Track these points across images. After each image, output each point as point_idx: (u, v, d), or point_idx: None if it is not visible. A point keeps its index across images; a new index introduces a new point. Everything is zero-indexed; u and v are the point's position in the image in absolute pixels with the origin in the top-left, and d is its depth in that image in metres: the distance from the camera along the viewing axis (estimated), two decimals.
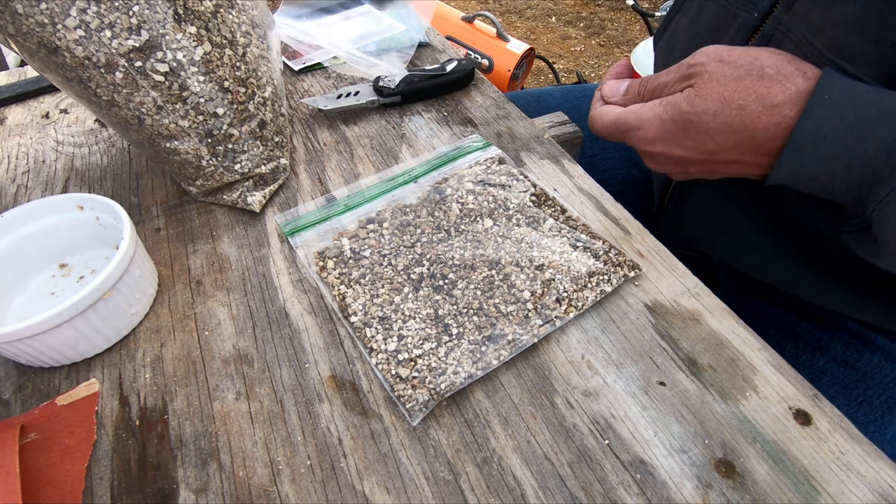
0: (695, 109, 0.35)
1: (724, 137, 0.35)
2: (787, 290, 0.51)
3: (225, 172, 0.44)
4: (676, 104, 0.36)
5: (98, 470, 0.31)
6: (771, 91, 0.33)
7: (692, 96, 0.35)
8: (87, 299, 0.33)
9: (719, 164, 0.37)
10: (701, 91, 0.35)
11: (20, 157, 0.53)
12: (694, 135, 0.36)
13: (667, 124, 0.37)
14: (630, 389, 0.33)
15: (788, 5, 0.40)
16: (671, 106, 0.37)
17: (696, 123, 0.35)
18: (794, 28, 0.39)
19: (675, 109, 0.36)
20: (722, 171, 0.38)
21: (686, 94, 0.36)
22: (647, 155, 0.40)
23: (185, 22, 0.39)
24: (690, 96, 0.36)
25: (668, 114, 0.37)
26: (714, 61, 0.36)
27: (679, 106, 0.36)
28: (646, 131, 0.38)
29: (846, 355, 0.50)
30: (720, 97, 0.34)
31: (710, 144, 0.36)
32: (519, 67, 1.62)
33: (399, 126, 0.54)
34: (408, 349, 0.35)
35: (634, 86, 0.41)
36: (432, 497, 0.29)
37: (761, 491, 0.29)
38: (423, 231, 0.42)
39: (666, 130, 0.37)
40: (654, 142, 0.38)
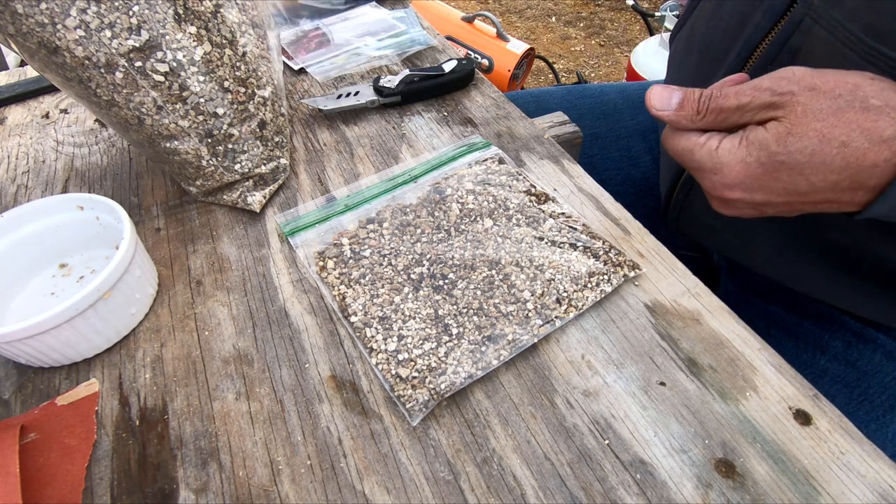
0: (787, 149, 0.31)
1: (820, 177, 0.31)
2: (792, 286, 0.51)
3: (225, 172, 0.44)
4: (764, 144, 0.32)
5: (98, 470, 0.31)
6: (878, 125, 0.30)
7: (783, 134, 0.31)
8: (87, 299, 0.33)
9: (807, 205, 0.34)
10: (794, 128, 0.31)
11: (20, 157, 0.53)
12: (785, 177, 0.32)
13: (751, 168, 0.33)
14: (630, 389, 0.33)
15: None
16: (756, 147, 0.32)
17: (789, 164, 0.32)
18: (825, 13, 0.37)
19: (763, 151, 0.32)
20: (805, 210, 0.35)
21: (775, 131, 0.32)
22: (722, 200, 0.36)
23: (185, 22, 0.39)
24: (781, 135, 0.32)
25: (754, 156, 0.33)
26: (806, 90, 0.32)
27: (767, 146, 0.32)
28: (724, 176, 0.34)
29: (847, 354, 0.50)
30: (818, 134, 0.31)
31: (802, 185, 0.32)
32: (519, 67, 1.62)
33: (399, 126, 0.54)
34: (408, 349, 0.35)
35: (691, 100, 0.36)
36: (432, 497, 0.29)
37: (761, 491, 0.29)
38: (423, 231, 0.42)
39: (750, 174, 0.33)
40: (733, 187, 0.34)
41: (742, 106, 0.33)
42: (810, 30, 0.38)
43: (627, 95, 0.72)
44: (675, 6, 1.71)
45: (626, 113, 0.70)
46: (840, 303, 0.49)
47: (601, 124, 0.68)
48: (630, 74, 1.72)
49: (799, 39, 0.39)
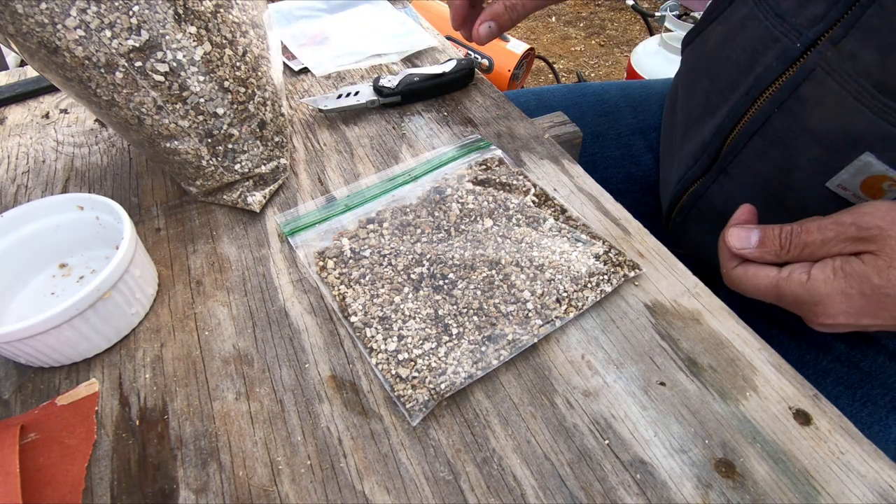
0: (892, 283, 0.32)
1: None
2: None
3: (225, 172, 0.44)
4: (864, 277, 0.33)
5: (98, 470, 0.31)
6: None
7: (883, 268, 0.32)
8: (87, 299, 0.33)
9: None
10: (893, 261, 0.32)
11: (20, 157, 0.53)
12: (891, 306, 0.33)
13: (854, 299, 0.33)
14: (630, 389, 0.33)
15: (834, 41, 0.38)
16: (857, 280, 0.33)
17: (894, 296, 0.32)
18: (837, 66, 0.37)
19: (865, 283, 0.33)
20: None
21: (874, 265, 0.33)
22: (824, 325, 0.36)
23: (185, 22, 0.39)
24: (881, 268, 0.32)
25: (855, 289, 0.33)
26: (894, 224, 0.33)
27: (869, 279, 0.33)
28: (827, 307, 0.34)
29: (850, 355, 0.50)
30: None
31: None
32: (519, 67, 1.62)
33: (399, 126, 0.54)
34: (408, 349, 0.35)
35: (773, 237, 0.37)
36: (432, 497, 0.29)
37: (761, 491, 0.29)
38: (423, 231, 0.42)
39: (854, 305, 0.34)
40: (838, 315, 0.34)
41: (827, 240, 0.34)
42: (822, 81, 0.38)
43: (628, 94, 0.72)
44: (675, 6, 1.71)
45: (627, 111, 0.70)
46: None
47: (602, 122, 0.68)
48: (630, 74, 1.72)
49: (810, 89, 0.39)
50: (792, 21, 0.41)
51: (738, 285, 0.38)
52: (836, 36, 0.38)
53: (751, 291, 0.38)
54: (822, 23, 0.39)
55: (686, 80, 0.55)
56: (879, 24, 0.36)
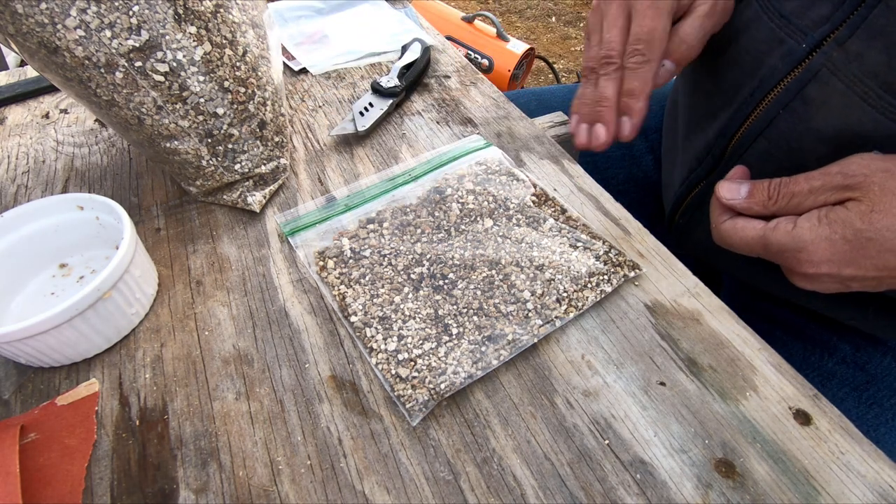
0: (874, 226, 0.32)
1: None
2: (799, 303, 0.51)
3: (225, 172, 0.44)
4: (847, 222, 0.33)
5: (98, 470, 0.31)
6: None
7: (866, 212, 0.32)
8: (87, 299, 0.33)
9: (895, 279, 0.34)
10: (876, 205, 0.32)
11: (20, 157, 0.53)
12: (874, 253, 0.33)
13: (838, 244, 0.33)
14: (630, 389, 0.33)
15: (840, 42, 0.38)
16: (840, 224, 0.33)
17: (877, 241, 0.32)
18: (843, 66, 0.37)
19: (848, 228, 0.33)
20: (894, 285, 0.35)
21: (857, 210, 0.33)
22: (806, 276, 0.36)
23: (185, 22, 0.39)
24: (864, 212, 0.32)
25: (839, 234, 0.33)
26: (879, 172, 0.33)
27: (852, 224, 0.33)
28: (811, 254, 0.34)
29: (856, 357, 0.50)
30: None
31: (892, 261, 0.32)
32: (519, 67, 1.62)
33: (399, 126, 0.54)
34: (408, 349, 0.35)
35: (762, 189, 0.37)
36: (432, 497, 0.29)
37: (761, 491, 0.29)
38: (423, 231, 0.42)
39: (837, 251, 0.33)
40: (821, 263, 0.34)
41: (814, 189, 0.34)
42: (828, 81, 0.38)
43: None
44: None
45: None
46: (847, 321, 0.49)
47: None
48: None
49: (815, 90, 0.39)
50: (797, 22, 0.41)
51: (726, 239, 0.38)
52: (841, 36, 0.38)
53: (738, 244, 0.37)
54: (828, 24, 0.39)
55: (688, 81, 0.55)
56: (885, 24, 0.36)
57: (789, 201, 0.36)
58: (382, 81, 0.56)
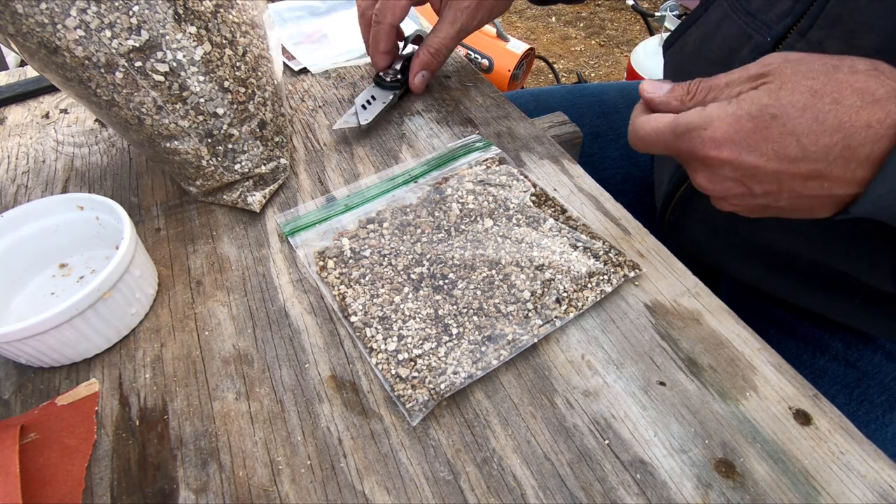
0: (780, 102, 0.30)
1: (812, 138, 0.30)
2: (790, 300, 0.51)
3: (225, 172, 0.44)
4: (755, 98, 0.31)
5: (98, 470, 0.31)
6: (870, 85, 0.29)
7: (774, 90, 0.31)
8: (87, 299, 0.33)
9: (796, 179, 0.31)
10: (785, 84, 0.30)
11: (20, 157, 0.53)
12: (775, 135, 0.31)
13: (742, 121, 0.31)
14: (630, 389, 0.33)
15: (802, 33, 0.39)
16: (748, 101, 0.31)
17: (781, 119, 0.30)
18: None
19: (754, 104, 0.31)
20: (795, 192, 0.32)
21: (766, 88, 0.31)
22: (708, 165, 0.34)
23: (185, 22, 0.39)
24: (772, 90, 0.31)
25: (745, 109, 0.31)
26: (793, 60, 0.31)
27: (759, 100, 0.31)
28: (714, 129, 0.32)
29: (847, 354, 0.50)
30: (809, 90, 0.30)
31: (793, 148, 0.30)
32: (519, 67, 1.62)
33: (399, 126, 0.54)
34: (408, 349, 0.35)
35: (682, 85, 0.36)
36: (432, 497, 0.29)
37: (761, 491, 0.29)
38: (423, 231, 0.42)
39: (741, 128, 0.31)
40: (723, 143, 0.32)
41: (731, 82, 0.33)
42: None
43: (627, 94, 0.72)
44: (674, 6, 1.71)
45: (626, 112, 0.70)
46: (836, 317, 0.50)
47: (601, 123, 0.69)
48: (630, 74, 1.72)
49: None
50: (762, 17, 0.43)
51: (639, 132, 0.37)
52: (803, 28, 0.39)
53: (650, 135, 0.36)
54: (790, 17, 0.40)
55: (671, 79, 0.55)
56: (841, 12, 0.37)
57: (706, 95, 0.34)
58: (384, 74, 0.56)
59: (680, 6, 1.73)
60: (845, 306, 0.47)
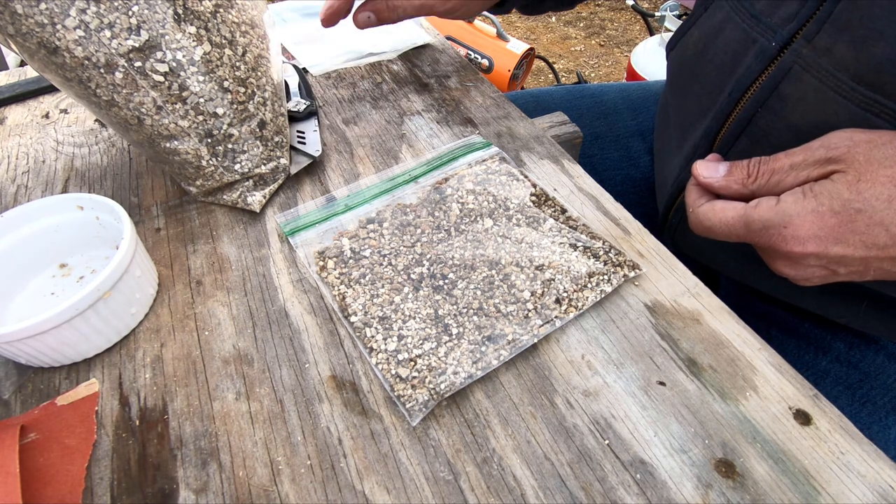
0: (862, 196, 0.30)
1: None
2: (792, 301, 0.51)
3: (225, 172, 0.44)
4: (835, 193, 0.31)
5: (98, 470, 0.31)
6: None
7: (853, 182, 0.30)
8: (88, 299, 0.33)
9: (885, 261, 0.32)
10: (863, 175, 0.30)
11: (20, 157, 0.53)
12: (862, 227, 0.30)
13: (825, 217, 0.31)
14: (630, 389, 0.33)
15: (808, 38, 0.38)
16: (827, 196, 0.31)
17: (866, 213, 0.30)
18: (814, 62, 0.38)
19: (835, 199, 0.31)
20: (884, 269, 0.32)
21: (843, 180, 0.31)
22: (791, 257, 0.33)
23: (185, 22, 0.39)
24: (851, 182, 0.30)
25: (826, 205, 0.31)
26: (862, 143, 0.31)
27: (839, 195, 0.30)
28: (797, 228, 0.32)
29: (849, 355, 0.50)
30: (891, 180, 0.30)
31: (882, 237, 0.30)
32: (519, 67, 1.62)
33: (399, 126, 0.54)
34: (408, 349, 0.35)
35: (741, 166, 0.35)
36: (432, 497, 0.29)
37: (761, 491, 0.29)
38: (423, 231, 0.42)
39: (825, 225, 0.31)
40: (807, 240, 0.32)
41: (795, 164, 0.33)
42: (801, 77, 0.39)
43: (627, 95, 0.72)
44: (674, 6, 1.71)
45: (626, 113, 0.70)
46: (839, 320, 0.49)
47: (601, 124, 0.69)
48: (630, 74, 1.72)
49: (789, 86, 0.40)
50: (767, 21, 0.42)
51: (704, 223, 0.36)
52: (809, 32, 0.38)
53: (717, 226, 0.36)
54: (795, 21, 0.39)
55: (674, 84, 0.55)
56: (850, 18, 0.36)
57: (769, 178, 0.34)
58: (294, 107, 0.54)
59: (680, 6, 1.73)
60: (849, 310, 0.47)
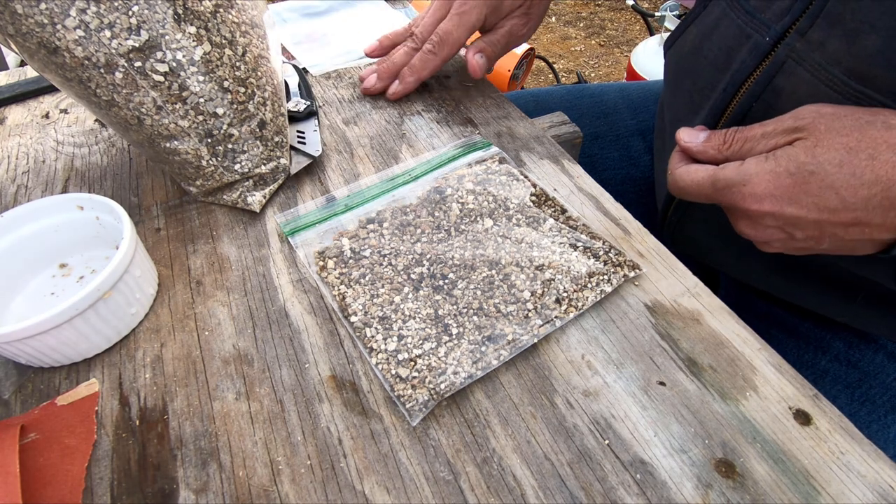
0: (816, 159, 0.32)
1: (851, 191, 0.31)
2: (791, 300, 0.51)
3: (225, 172, 0.44)
4: (792, 155, 0.33)
5: (98, 470, 0.31)
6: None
7: (810, 147, 0.32)
8: (87, 299, 0.33)
9: (837, 227, 0.33)
10: (820, 141, 0.32)
11: (20, 157, 0.53)
12: (815, 189, 0.32)
13: (781, 177, 0.33)
14: (630, 389, 0.33)
15: (801, 32, 0.39)
16: (785, 158, 0.33)
17: (819, 175, 0.32)
18: (807, 56, 0.38)
19: (791, 161, 0.33)
20: (837, 237, 0.34)
21: (802, 145, 0.33)
22: (749, 216, 0.36)
23: (185, 22, 0.39)
24: (808, 147, 0.32)
25: (783, 166, 0.33)
26: (827, 114, 0.33)
27: (796, 157, 0.33)
28: (754, 186, 0.34)
29: (849, 354, 0.50)
30: (844, 146, 0.31)
31: (832, 200, 0.32)
32: (519, 67, 1.62)
33: (399, 126, 0.54)
34: (408, 349, 0.35)
35: (718, 134, 0.38)
36: (432, 497, 0.29)
37: (761, 491, 0.29)
38: (423, 231, 0.42)
39: (780, 185, 0.33)
40: (763, 198, 0.34)
41: (766, 133, 0.35)
42: (794, 71, 0.39)
43: (627, 95, 0.72)
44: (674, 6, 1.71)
45: (626, 112, 0.70)
46: (838, 317, 0.49)
47: (601, 124, 0.69)
48: (630, 74, 1.72)
49: (782, 80, 0.40)
50: (761, 17, 0.42)
51: (678, 182, 0.39)
52: (802, 27, 0.39)
53: (689, 186, 0.38)
54: (788, 15, 0.40)
55: (670, 82, 0.55)
56: (842, 11, 0.37)
57: (742, 145, 0.36)
58: (294, 107, 0.53)
59: (680, 6, 1.73)
60: (846, 306, 0.47)
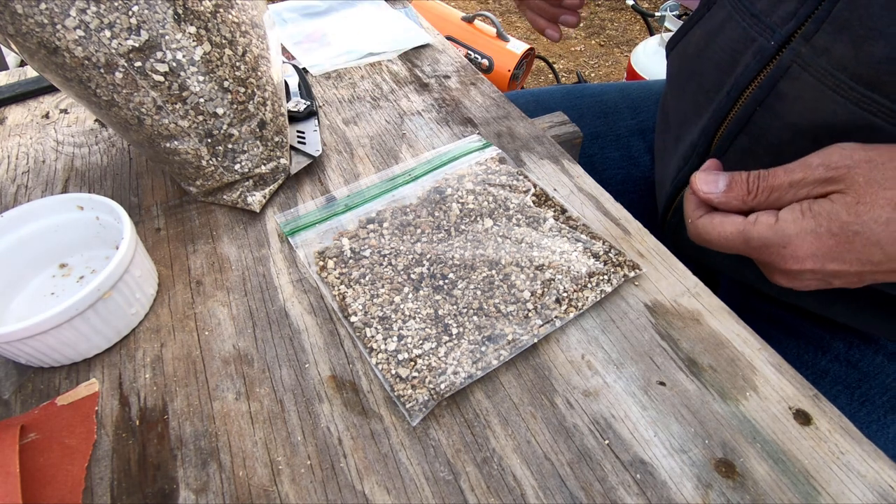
0: (861, 219, 0.31)
1: None
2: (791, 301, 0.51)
3: (225, 172, 0.44)
4: (833, 215, 0.32)
5: (98, 470, 0.31)
6: None
7: (852, 204, 0.31)
8: (87, 299, 0.33)
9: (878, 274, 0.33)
10: (862, 197, 0.31)
11: (20, 157, 0.53)
12: (859, 247, 0.32)
13: (823, 238, 0.32)
14: (630, 389, 0.33)
15: (807, 37, 0.38)
16: (826, 217, 0.32)
17: (864, 235, 0.31)
18: (812, 61, 0.38)
19: (833, 222, 0.32)
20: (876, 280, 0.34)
21: (842, 202, 0.32)
22: (788, 273, 0.35)
23: (185, 22, 0.39)
24: (850, 204, 0.31)
25: (824, 227, 0.32)
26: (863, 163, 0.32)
27: (838, 216, 0.31)
28: (795, 248, 0.33)
29: (849, 355, 0.50)
30: (889, 202, 0.30)
31: (877, 255, 0.31)
32: (519, 67, 1.62)
33: (399, 126, 0.54)
34: (408, 349, 0.35)
35: (741, 181, 0.36)
36: (432, 497, 0.29)
37: (761, 491, 0.29)
38: (423, 231, 0.42)
39: (823, 245, 0.32)
40: (805, 259, 0.33)
41: (795, 182, 0.33)
42: (799, 76, 0.39)
43: (627, 95, 0.72)
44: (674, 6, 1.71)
45: (626, 112, 0.70)
46: (838, 319, 0.49)
47: (601, 124, 0.69)
48: (630, 74, 1.72)
49: (787, 85, 0.40)
50: (766, 20, 0.42)
51: (703, 235, 0.37)
52: (808, 32, 0.38)
53: (717, 240, 0.36)
54: (794, 20, 0.40)
55: (674, 83, 0.55)
56: (850, 17, 0.36)
57: (769, 196, 0.34)
58: (294, 107, 0.54)
59: (680, 6, 1.73)
60: (848, 308, 0.47)
